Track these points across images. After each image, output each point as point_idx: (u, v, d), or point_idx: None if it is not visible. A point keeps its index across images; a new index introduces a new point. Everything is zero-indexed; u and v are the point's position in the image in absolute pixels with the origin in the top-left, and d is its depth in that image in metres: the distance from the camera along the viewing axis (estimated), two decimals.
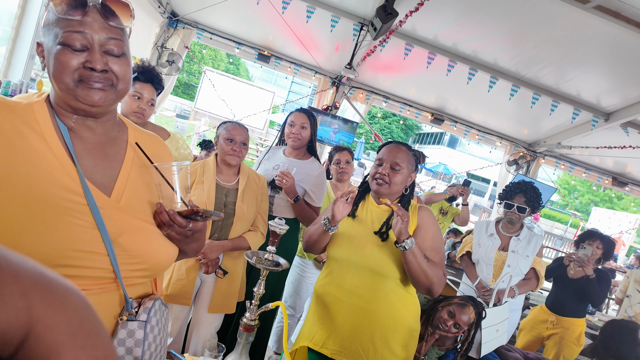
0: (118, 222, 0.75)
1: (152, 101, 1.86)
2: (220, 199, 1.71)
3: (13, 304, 0.19)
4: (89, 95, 0.73)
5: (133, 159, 0.83)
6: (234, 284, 1.76)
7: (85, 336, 0.23)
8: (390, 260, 1.44)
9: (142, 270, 0.78)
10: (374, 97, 5.41)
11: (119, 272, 0.74)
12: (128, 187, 0.79)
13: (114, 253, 0.72)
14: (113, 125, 0.83)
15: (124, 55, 0.76)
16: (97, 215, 0.71)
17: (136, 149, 0.84)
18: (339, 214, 1.42)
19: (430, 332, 1.90)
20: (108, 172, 0.78)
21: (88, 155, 0.77)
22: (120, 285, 0.75)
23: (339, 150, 2.57)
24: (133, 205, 0.79)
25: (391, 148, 1.55)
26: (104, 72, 0.73)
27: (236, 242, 1.72)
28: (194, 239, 0.85)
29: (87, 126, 0.78)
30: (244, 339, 1.17)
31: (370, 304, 1.44)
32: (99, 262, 0.71)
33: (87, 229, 0.70)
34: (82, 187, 0.71)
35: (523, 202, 2.43)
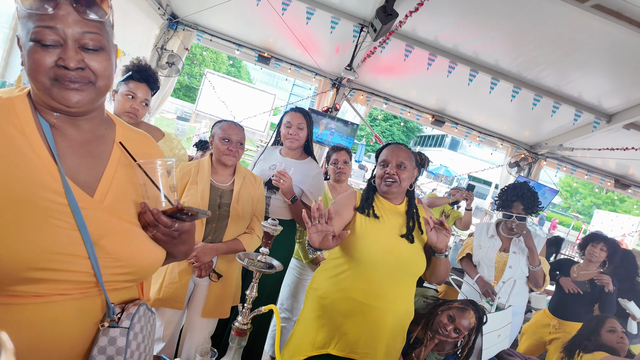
0: (101, 223, 0.71)
1: (146, 101, 1.83)
2: (214, 200, 1.68)
3: None
4: (65, 96, 0.68)
5: (119, 158, 0.79)
6: (228, 288, 1.72)
7: None
8: (420, 260, 1.54)
9: (126, 274, 0.75)
10: (375, 98, 5.38)
11: (101, 276, 0.70)
12: (113, 187, 0.76)
13: (95, 256, 0.69)
14: (100, 123, 0.79)
15: (102, 50, 0.71)
16: (78, 216, 0.67)
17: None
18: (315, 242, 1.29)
19: (430, 336, 1.86)
20: (92, 172, 0.75)
21: (71, 153, 0.73)
22: (102, 290, 0.71)
23: (336, 150, 2.52)
24: (118, 206, 0.75)
25: (392, 148, 1.61)
26: (79, 70, 0.68)
27: (231, 244, 1.67)
28: (181, 241, 0.81)
29: (71, 123, 0.74)
30: (237, 344, 1.13)
31: (391, 304, 1.50)
32: (79, 266, 0.68)
33: (67, 231, 0.67)
34: (64, 187, 0.67)
35: (521, 210, 2.37)
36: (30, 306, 0.66)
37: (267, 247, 1.21)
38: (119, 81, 1.83)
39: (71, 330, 0.70)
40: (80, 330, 0.71)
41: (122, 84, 1.82)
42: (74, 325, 0.70)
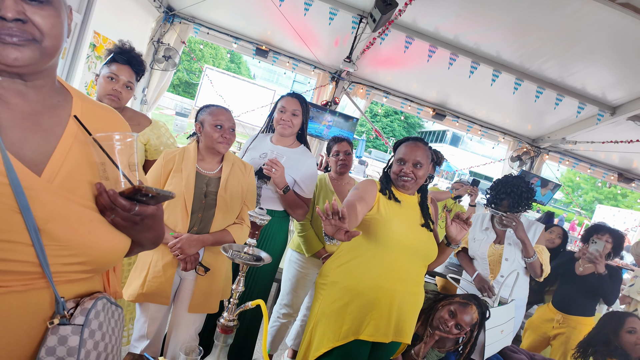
0: (48, 205, 0.62)
1: (130, 84, 1.75)
2: (200, 188, 1.59)
3: None
4: (2, 52, 0.59)
5: (76, 133, 0.70)
6: (216, 282, 1.63)
7: None
8: (435, 247, 1.66)
9: (79, 264, 0.66)
10: (374, 92, 5.30)
11: (48, 266, 0.61)
12: (66, 165, 0.66)
13: (40, 243, 0.60)
14: (51, 92, 0.69)
15: (48, 4, 0.62)
16: (20, 197, 0.58)
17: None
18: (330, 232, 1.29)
19: (430, 333, 1.79)
20: (41, 147, 0.65)
21: (15, 125, 0.63)
22: (49, 281, 0.62)
23: (337, 141, 2.43)
24: (70, 186, 0.66)
25: (410, 147, 1.66)
26: (19, 22, 0.59)
27: (218, 235, 1.58)
28: (145, 227, 0.72)
29: (16, 90, 0.64)
30: (222, 342, 1.06)
31: (414, 286, 1.62)
32: (21, 254, 0.59)
33: (6, 214, 0.58)
34: (4, 163, 0.58)
35: (507, 208, 2.30)
36: None
37: (255, 238, 1.13)
38: (102, 64, 1.76)
39: (14, 328, 0.61)
40: (26, 328, 0.63)
41: (105, 67, 1.74)
42: (18, 322, 0.62)
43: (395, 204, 1.63)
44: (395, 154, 1.72)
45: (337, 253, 1.70)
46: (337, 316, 1.57)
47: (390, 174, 1.71)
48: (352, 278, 1.58)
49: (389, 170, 1.74)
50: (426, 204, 1.73)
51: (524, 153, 5.42)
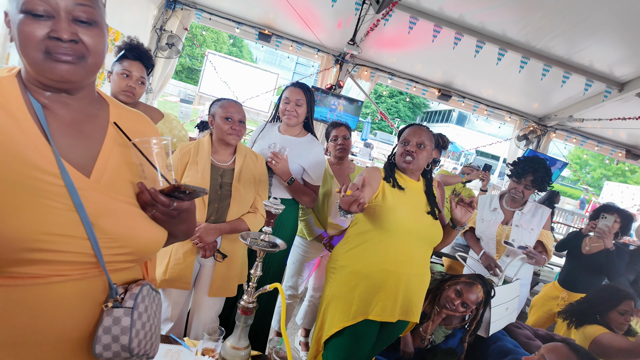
0: (98, 204, 0.70)
1: (142, 79, 1.79)
2: (215, 179, 1.66)
3: None
4: (56, 69, 0.67)
5: (115, 138, 0.78)
6: (233, 267, 1.72)
7: None
8: (440, 231, 1.71)
9: (126, 255, 0.75)
10: (379, 74, 5.27)
11: (101, 256, 0.70)
12: (109, 167, 0.75)
13: (94, 236, 0.68)
14: (91, 102, 0.77)
15: (96, 24, 0.70)
16: (75, 197, 0.66)
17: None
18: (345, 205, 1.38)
19: (437, 311, 1.87)
20: (86, 152, 0.73)
21: (64, 133, 0.71)
22: (103, 270, 0.71)
23: (335, 126, 2.46)
24: (114, 186, 0.74)
25: (414, 129, 1.72)
26: (72, 42, 0.66)
27: (234, 224, 1.66)
28: (181, 220, 0.81)
29: (62, 102, 0.72)
30: (243, 322, 1.14)
31: (419, 268, 1.68)
32: (78, 247, 0.67)
33: (64, 212, 0.66)
34: (59, 168, 0.66)
35: (530, 183, 2.33)
36: (29, 287, 0.65)
37: (270, 226, 1.20)
38: (113, 62, 1.80)
39: (73, 312, 0.70)
40: (83, 312, 0.71)
41: (117, 64, 1.78)
42: (76, 306, 0.70)
43: (399, 192, 1.67)
44: (399, 139, 1.77)
45: (346, 239, 1.76)
46: (346, 298, 1.64)
47: (395, 158, 1.76)
48: (360, 262, 1.64)
49: (393, 158, 1.78)
50: (432, 191, 1.76)
51: (530, 132, 5.40)
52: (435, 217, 1.70)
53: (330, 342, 1.66)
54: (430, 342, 1.88)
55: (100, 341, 0.70)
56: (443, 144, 2.72)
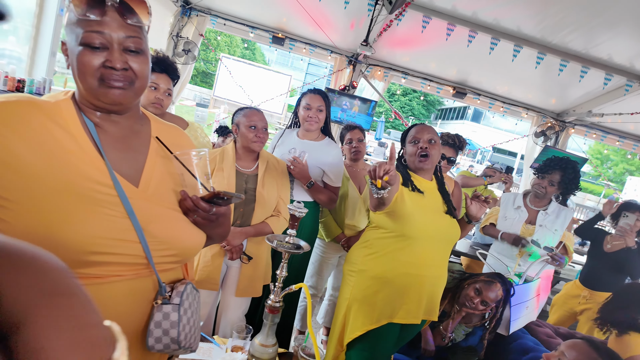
0: (147, 211, 0.78)
1: (169, 91, 1.87)
2: (240, 185, 1.73)
3: None
4: (109, 94, 0.75)
5: (157, 150, 0.87)
6: (258, 268, 1.79)
7: (59, 296, 0.23)
8: (458, 230, 1.73)
9: (172, 256, 0.82)
10: (393, 73, 5.27)
11: (151, 258, 0.77)
12: (154, 177, 0.83)
13: (145, 240, 0.76)
14: (136, 119, 0.86)
15: (142, 53, 0.78)
16: (127, 205, 0.74)
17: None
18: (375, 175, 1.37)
19: (457, 309, 1.89)
20: (134, 164, 0.82)
21: (114, 148, 0.80)
22: (153, 270, 0.79)
23: (350, 129, 2.53)
24: (159, 194, 0.82)
25: (421, 127, 1.74)
26: (123, 70, 0.75)
27: (259, 227, 1.73)
28: (218, 224, 0.88)
29: (111, 121, 0.81)
30: (270, 320, 1.19)
31: (438, 270, 1.69)
32: (131, 250, 0.75)
33: (118, 219, 0.74)
34: (112, 179, 0.75)
35: (557, 181, 2.31)
36: (91, 287, 0.73)
37: (294, 228, 1.25)
38: None
39: (128, 309, 0.78)
40: (136, 308, 0.79)
41: None
42: (130, 303, 0.78)
43: (418, 195, 1.67)
44: (405, 141, 1.77)
45: (364, 242, 1.77)
46: (369, 302, 1.66)
47: (407, 160, 1.75)
48: (380, 267, 1.66)
49: (404, 160, 1.78)
50: (445, 189, 1.78)
51: (548, 128, 5.32)
52: (453, 215, 1.72)
53: (353, 343, 1.69)
54: (450, 340, 1.91)
55: (152, 334, 0.78)
56: (459, 144, 2.73)
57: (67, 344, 0.22)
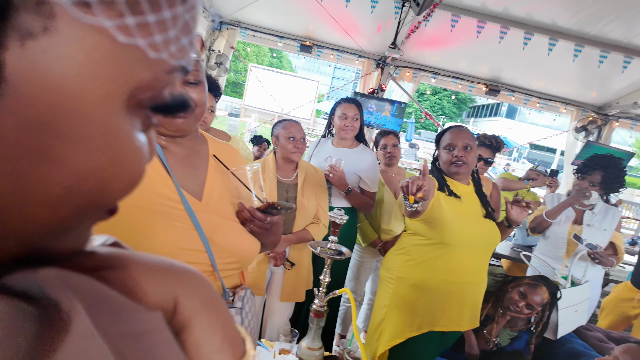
0: (210, 222, 0.85)
1: (212, 108, 1.97)
2: (281, 194, 1.80)
3: (163, 285, 0.26)
4: (173, 123, 0.83)
5: (215, 167, 0.94)
6: (301, 274, 1.86)
7: (211, 302, 0.28)
8: (498, 234, 1.68)
9: (233, 263, 0.89)
10: (422, 74, 5.22)
11: (216, 265, 0.84)
12: (214, 191, 0.90)
13: (210, 249, 0.83)
14: (196, 140, 0.94)
15: (200, 83, 0.85)
16: (193, 218, 0.82)
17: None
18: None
19: (501, 313, 1.86)
20: (196, 180, 0.89)
21: (179, 167, 0.87)
22: (218, 277, 0.85)
23: (384, 134, 2.55)
24: (220, 207, 0.89)
25: (456, 131, 1.68)
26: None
27: (300, 235, 1.80)
28: (272, 232, 0.95)
29: (176, 143, 0.89)
30: (316, 324, 1.23)
31: (479, 275, 1.67)
32: (199, 258, 0.82)
33: (187, 230, 0.81)
34: (179, 195, 0.82)
35: (598, 181, 2.21)
36: None
37: (335, 235, 1.29)
38: None
39: None
40: None
41: None
42: None
43: (455, 201, 1.63)
44: (439, 145, 1.73)
45: (401, 249, 1.75)
46: (408, 310, 1.65)
47: (441, 165, 1.71)
48: (419, 275, 1.65)
49: (438, 164, 1.74)
50: (482, 192, 1.74)
51: (589, 122, 5.09)
52: (492, 218, 1.68)
53: (393, 350, 1.69)
54: (495, 345, 1.87)
55: None
56: (496, 144, 2.67)
57: (219, 341, 0.27)
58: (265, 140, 4.28)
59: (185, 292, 0.26)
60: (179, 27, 0.20)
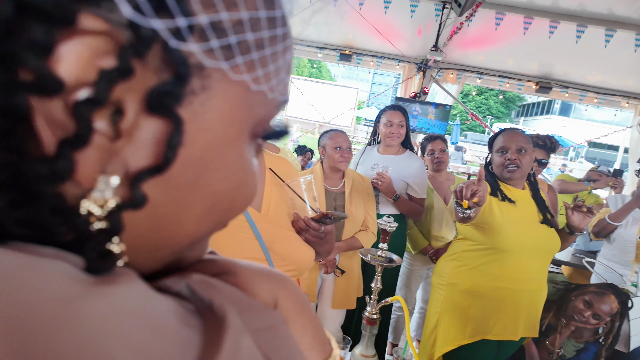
0: (269, 232, 0.90)
1: None
2: (330, 203, 1.83)
3: (266, 289, 0.29)
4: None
5: (271, 179, 0.99)
6: (351, 281, 1.88)
7: (303, 304, 0.31)
8: (557, 240, 1.61)
9: (291, 271, 0.93)
10: (466, 74, 5.07)
11: None
12: (272, 203, 0.95)
13: (270, 258, 0.87)
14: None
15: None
16: (254, 229, 0.87)
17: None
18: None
19: (564, 323, 1.75)
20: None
21: None
22: None
23: (431, 140, 2.50)
24: (277, 217, 0.94)
25: (509, 134, 1.62)
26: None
27: (349, 242, 1.82)
28: (326, 241, 0.99)
29: None
30: (369, 332, 1.24)
31: (537, 283, 1.60)
32: None
33: (249, 240, 0.86)
34: None
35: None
36: None
37: (385, 242, 1.29)
38: None
39: None
40: None
41: None
42: None
43: (509, 205, 1.57)
44: (492, 148, 1.68)
45: (452, 255, 1.72)
46: (460, 316, 1.62)
47: (494, 169, 1.66)
48: (471, 280, 1.61)
49: (491, 167, 1.69)
50: (540, 196, 1.66)
51: None
52: (550, 224, 1.60)
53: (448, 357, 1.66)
54: (559, 357, 1.77)
55: None
56: (551, 145, 2.53)
57: (311, 340, 0.30)
58: (309, 150, 4.36)
59: (283, 295, 0.30)
60: (285, 70, 0.25)
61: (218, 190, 0.23)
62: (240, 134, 0.23)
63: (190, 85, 0.19)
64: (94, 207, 0.18)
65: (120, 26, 0.17)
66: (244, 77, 0.21)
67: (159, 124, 0.19)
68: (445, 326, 1.65)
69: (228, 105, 0.21)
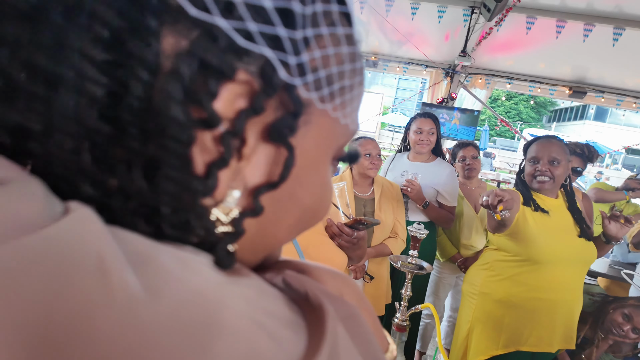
0: (304, 236, 0.92)
1: None
2: (359, 209, 1.85)
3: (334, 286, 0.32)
4: None
5: None
6: (380, 288, 1.88)
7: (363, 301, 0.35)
8: (594, 250, 1.56)
9: None
10: (495, 79, 4.98)
11: None
12: None
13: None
14: None
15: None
16: None
17: None
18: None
19: (602, 337, 1.69)
20: None
21: None
22: None
23: (462, 146, 2.48)
24: None
25: (543, 144, 1.58)
26: None
27: (378, 248, 1.83)
28: (358, 246, 1.01)
29: None
30: (398, 339, 1.25)
31: (573, 293, 1.57)
32: None
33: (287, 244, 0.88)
34: None
35: None
36: None
37: (416, 249, 1.30)
38: None
39: None
40: None
41: None
42: None
43: (542, 215, 1.54)
44: (526, 155, 1.65)
45: (484, 264, 1.71)
46: (493, 326, 1.60)
47: (525, 178, 1.64)
48: (505, 290, 1.58)
49: (522, 175, 1.66)
50: (576, 207, 1.61)
51: None
52: (588, 238, 1.55)
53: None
54: None
55: None
56: (589, 154, 2.44)
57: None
58: None
59: (347, 292, 0.33)
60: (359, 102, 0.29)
61: (306, 203, 0.27)
62: (327, 157, 0.27)
63: (300, 120, 0.23)
64: (221, 215, 0.22)
65: (256, 76, 0.21)
66: (337, 114, 0.25)
67: (272, 149, 0.23)
68: (478, 336, 1.63)
69: (320, 134, 0.25)
